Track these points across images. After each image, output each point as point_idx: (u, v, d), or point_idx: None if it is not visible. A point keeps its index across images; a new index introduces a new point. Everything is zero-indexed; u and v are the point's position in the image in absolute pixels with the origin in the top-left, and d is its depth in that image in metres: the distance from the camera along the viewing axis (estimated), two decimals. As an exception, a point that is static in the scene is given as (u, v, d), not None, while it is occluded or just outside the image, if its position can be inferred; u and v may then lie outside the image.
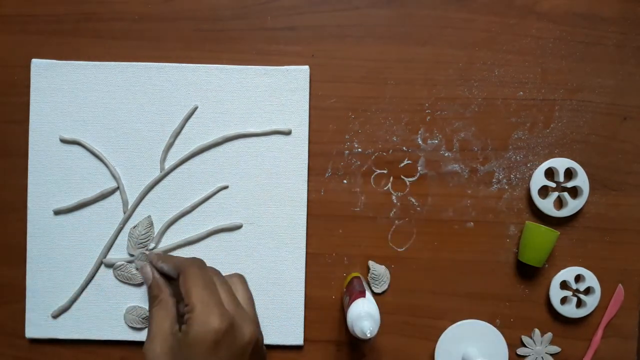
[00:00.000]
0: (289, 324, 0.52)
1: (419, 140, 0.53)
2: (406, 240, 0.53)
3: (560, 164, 0.52)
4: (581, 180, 0.52)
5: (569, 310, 0.53)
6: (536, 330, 0.53)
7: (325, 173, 0.53)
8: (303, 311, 0.52)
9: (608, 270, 0.53)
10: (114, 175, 0.52)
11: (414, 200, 0.53)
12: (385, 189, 0.53)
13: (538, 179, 0.52)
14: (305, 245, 0.52)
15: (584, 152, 0.53)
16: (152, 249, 0.52)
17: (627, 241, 0.54)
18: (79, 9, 0.53)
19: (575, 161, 0.53)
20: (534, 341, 0.53)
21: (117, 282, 0.52)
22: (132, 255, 0.52)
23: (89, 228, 0.52)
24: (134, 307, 0.52)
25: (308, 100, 0.52)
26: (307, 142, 0.52)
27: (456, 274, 0.53)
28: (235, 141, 0.52)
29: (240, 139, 0.52)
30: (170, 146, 0.52)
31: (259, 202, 0.52)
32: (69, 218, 0.52)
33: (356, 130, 0.53)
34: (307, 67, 0.52)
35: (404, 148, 0.53)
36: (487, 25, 0.53)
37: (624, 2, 0.53)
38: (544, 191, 0.53)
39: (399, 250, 0.53)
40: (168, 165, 0.52)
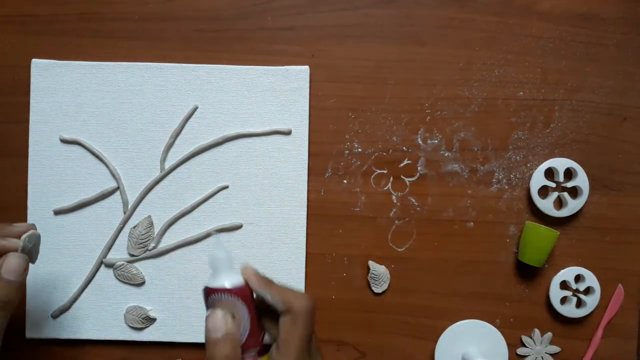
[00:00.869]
0: (289, 324, 0.52)
1: (419, 140, 0.53)
2: (406, 240, 0.53)
3: (560, 164, 0.52)
4: (581, 180, 0.52)
5: (569, 310, 0.53)
6: (536, 330, 0.53)
7: (325, 173, 0.53)
8: (303, 311, 0.52)
9: (608, 270, 0.53)
10: (114, 175, 0.52)
11: (414, 200, 0.53)
12: (385, 189, 0.53)
13: (538, 179, 0.52)
14: (305, 245, 0.52)
15: (584, 152, 0.53)
16: (152, 248, 0.52)
17: (627, 241, 0.54)
18: (79, 8, 0.53)
19: (575, 161, 0.53)
20: (534, 341, 0.53)
21: (117, 282, 0.52)
22: (132, 255, 0.52)
23: (89, 228, 0.52)
24: (134, 307, 0.52)
25: (308, 100, 0.52)
26: (307, 142, 0.52)
27: (456, 274, 0.53)
28: (235, 141, 0.52)
29: (240, 139, 0.52)
30: (170, 146, 0.52)
31: (259, 202, 0.52)
32: (69, 218, 0.52)
33: (356, 130, 0.53)
34: (307, 67, 0.52)
35: (404, 148, 0.53)
36: (487, 25, 0.53)
37: (624, 2, 0.53)
38: (543, 191, 0.53)
39: (399, 250, 0.53)
40: (168, 165, 0.52)
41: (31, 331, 0.52)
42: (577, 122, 0.53)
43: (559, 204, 0.54)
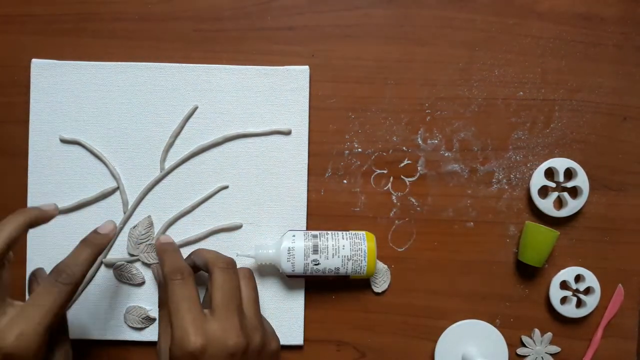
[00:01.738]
0: (288, 323, 0.52)
1: (419, 140, 0.53)
2: (406, 240, 0.53)
3: (560, 164, 0.52)
4: (581, 180, 0.52)
5: (569, 310, 0.53)
6: (536, 330, 0.53)
7: (325, 173, 0.53)
8: (303, 311, 0.52)
9: (608, 270, 0.53)
10: (114, 175, 0.52)
11: (414, 200, 0.53)
12: (385, 189, 0.53)
13: (538, 179, 0.52)
14: (305, 245, 0.52)
15: (584, 152, 0.53)
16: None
17: (627, 241, 0.54)
18: (79, 9, 0.53)
19: (575, 161, 0.53)
20: (534, 341, 0.53)
21: (117, 282, 0.52)
22: (132, 255, 0.52)
23: (89, 228, 0.52)
24: (134, 307, 0.52)
25: (308, 100, 0.52)
26: (307, 142, 0.52)
27: (456, 274, 0.53)
28: (235, 141, 0.53)
29: (240, 139, 0.52)
30: (170, 146, 0.52)
31: (259, 202, 0.52)
32: (69, 218, 0.52)
33: (356, 130, 0.53)
34: (307, 67, 0.52)
35: (404, 148, 0.53)
36: (487, 25, 0.53)
37: (624, 2, 0.53)
38: (543, 191, 0.53)
39: (399, 250, 0.53)
40: (168, 165, 0.52)
41: (31, 331, 0.52)
42: (577, 122, 0.53)
43: (559, 204, 0.54)
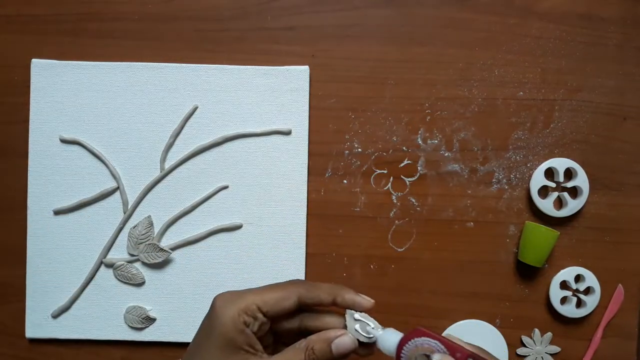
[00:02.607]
0: (289, 324, 0.52)
1: (419, 140, 0.53)
2: (406, 240, 0.53)
3: (560, 164, 0.52)
4: (581, 180, 0.52)
5: (569, 310, 0.53)
6: (536, 330, 0.53)
7: (325, 173, 0.53)
8: (303, 311, 0.52)
9: (608, 270, 0.53)
10: (114, 175, 0.52)
11: (414, 200, 0.53)
12: (385, 189, 0.53)
13: (538, 179, 0.52)
14: (305, 245, 0.52)
15: (584, 152, 0.53)
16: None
17: (627, 241, 0.54)
18: (79, 8, 0.53)
19: (575, 161, 0.53)
20: (534, 341, 0.53)
21: (117, 282, 0.52)
22: (132, 255, 0.52)
23: (89, 228, 0.52)
24: (134, 307, 0.52)
25: (308, 100, 0.52)
26: (307, 142, 0.52)
27: (456, 274, 0.53)
28: (235, 141, 0.52)
29: (240, 139, 0.52)
30: (170, 146, 0.52)
31: (259, 202, 0.52)
32: (69, 218, 0.52)
33: (356, 130, 0.53)
34: (307, 67, 0.52)
35: (404, 148, 0.53)
36: (487, 25, 0.53)
37: (624, 2, 0.53)
38: (543, 191, 0.53)
39: (399, 250, 0.53)
40: (168, 165, 0.52)
41: (31, 331, 0.52)
42: (577, 122, 0.53)
43: (559, 204, 0.54)
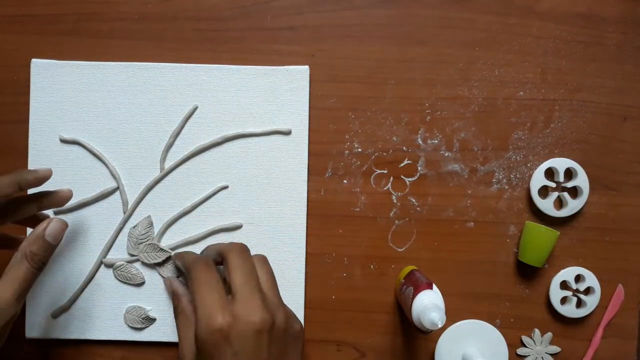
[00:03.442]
0: (289, 324, 0.52)
1: (419, 140, 0.53)
2: (406, 240, 0.53)
3: (560, 164, 0.52)
4: (581, 180, 0.52)
5: (569, 310, 0.53)
6: (536, 330, 0.53)
7: (325, 173, 0.53)
8: (303, 311, 0.52)
9: (608, 270, 0.53)
10: (114, 175, 0.52)
11: (414, 200, 0.53)
12: (385, 189, 0.53)
13: (538, 179, 0.52)
14: (305, 245, 0.52)
15: (584, 152, 0.53)
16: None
17: (627, 241, 0.54)
18: (78, 8, 0.53)
19: (575, 161, 0.53)
20: (534, 341, 0.53)
21: (117, 282, 0.52)
22: (132, 255, 0.52)
23: (89, 228, 0.52)
24: (134, 307, 0.52)
25: (308, 100, 0.52)
26: (307, 142, 0.52)
27: (456, 274, 0.53)
28: (235, 141, 0.52)
29: (240, 139, 0.52)
30: (170, 146, 0.52)
31: (259, 202, 0.52)
32: (68, 218, 0.52)
33: (356, 130, 0.53)
34: (307, 67, 0.52)
35: (404, 148, 0.53)
36: (487, 25, 0.53)
37: (624, 2, 0.53)
38: (544, 191, 0.53)
39: (399, 250, 0.53)
40: (168, 165, 0.52)
41: (31, 331, 0.52)
42: (577, 122, 0.53)
43: (559, 204, 0.54)
